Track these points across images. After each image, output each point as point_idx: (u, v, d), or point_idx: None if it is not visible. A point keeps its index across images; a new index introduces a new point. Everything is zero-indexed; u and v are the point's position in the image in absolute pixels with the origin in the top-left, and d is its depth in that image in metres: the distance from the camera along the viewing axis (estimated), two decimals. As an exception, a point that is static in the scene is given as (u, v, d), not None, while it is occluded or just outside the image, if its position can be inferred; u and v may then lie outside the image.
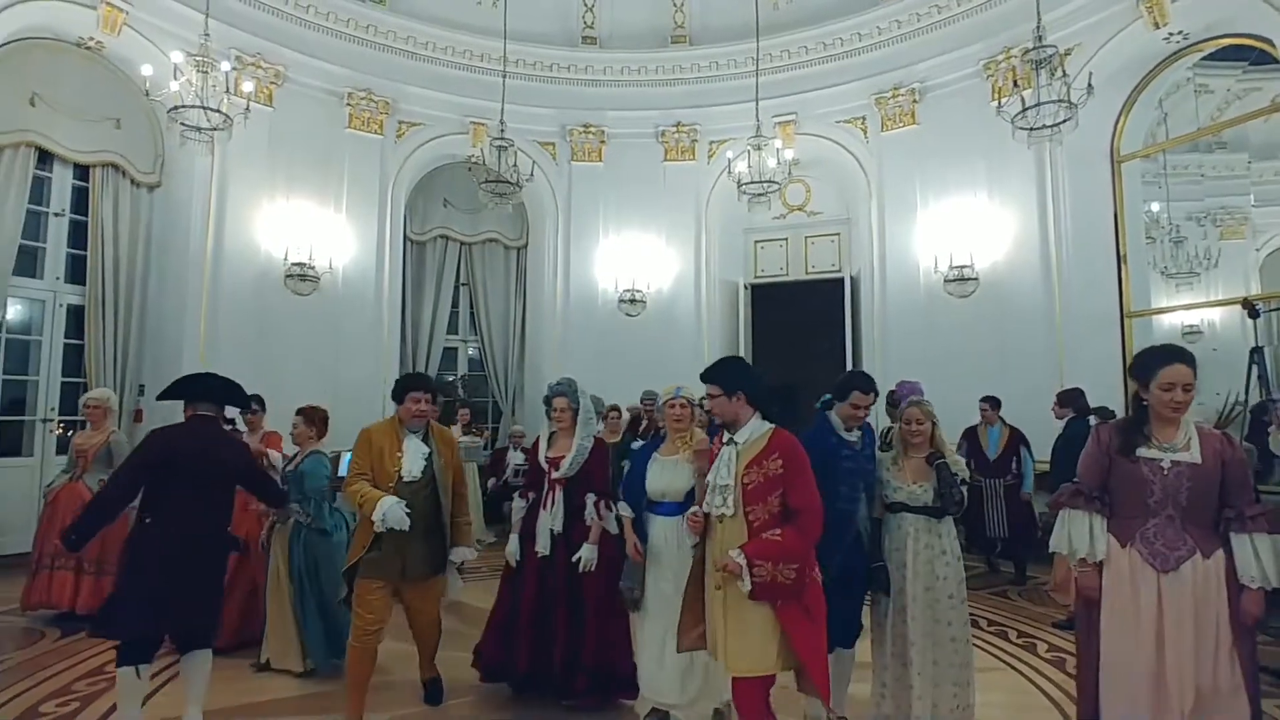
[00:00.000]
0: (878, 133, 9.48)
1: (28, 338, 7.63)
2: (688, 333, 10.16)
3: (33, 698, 3.85)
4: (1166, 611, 2.48)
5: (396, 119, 9.72)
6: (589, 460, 3.85)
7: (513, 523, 4.02)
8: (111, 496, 3.34)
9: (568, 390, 3.94)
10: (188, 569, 3.17)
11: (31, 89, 7.26)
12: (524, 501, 4.01)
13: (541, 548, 3.81)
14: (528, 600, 3.77)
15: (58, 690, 3.95)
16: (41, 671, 4.22)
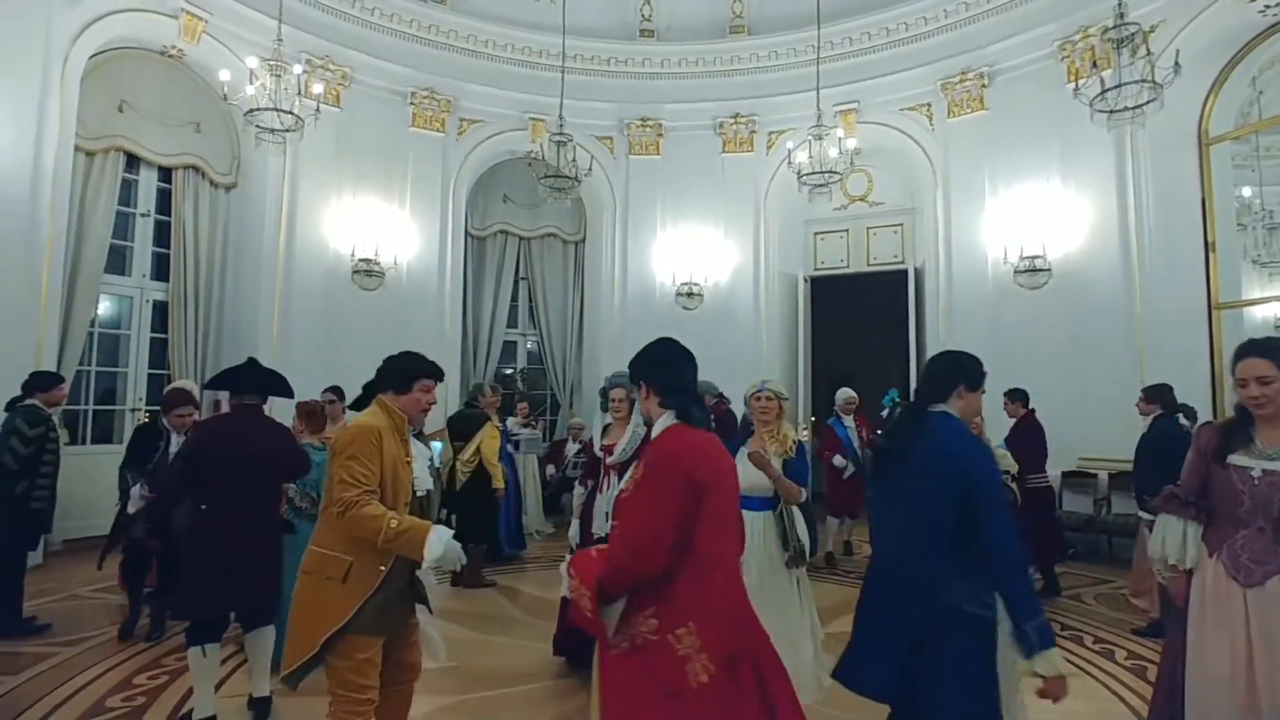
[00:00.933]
0: (944, 119, 9.19)
1: (117, 332, 8.08)
2: (746, 326, 10.07)
3: (126, 670, 4.10)
4: (1254, 627, 2.33)
5: (458, 117, 9.91)
6: (641, 447, 3.90)
7: (573, 509, 4.17)
8: (167, 487, 3.66)
9: (624, 382, 4.03)
10: (242, 551, 3.34)
11: (120, 97, 7.66)
12: (584, 489, 4.19)
13: (598, 529, 3.94)
14: None
15: (148, 664, 4.20)
16: (131, 646, 4.48)
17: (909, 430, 2.45)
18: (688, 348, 2.33)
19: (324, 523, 2.61)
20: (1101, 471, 7.62)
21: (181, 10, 7.72)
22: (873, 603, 2.43)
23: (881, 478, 2.51)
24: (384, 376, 2.76)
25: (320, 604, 2.47)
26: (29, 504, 4.69)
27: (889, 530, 2.44)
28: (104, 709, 3.59)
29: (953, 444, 2.37)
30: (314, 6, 8.66)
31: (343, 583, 2.47)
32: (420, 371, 2.76)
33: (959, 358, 2.57)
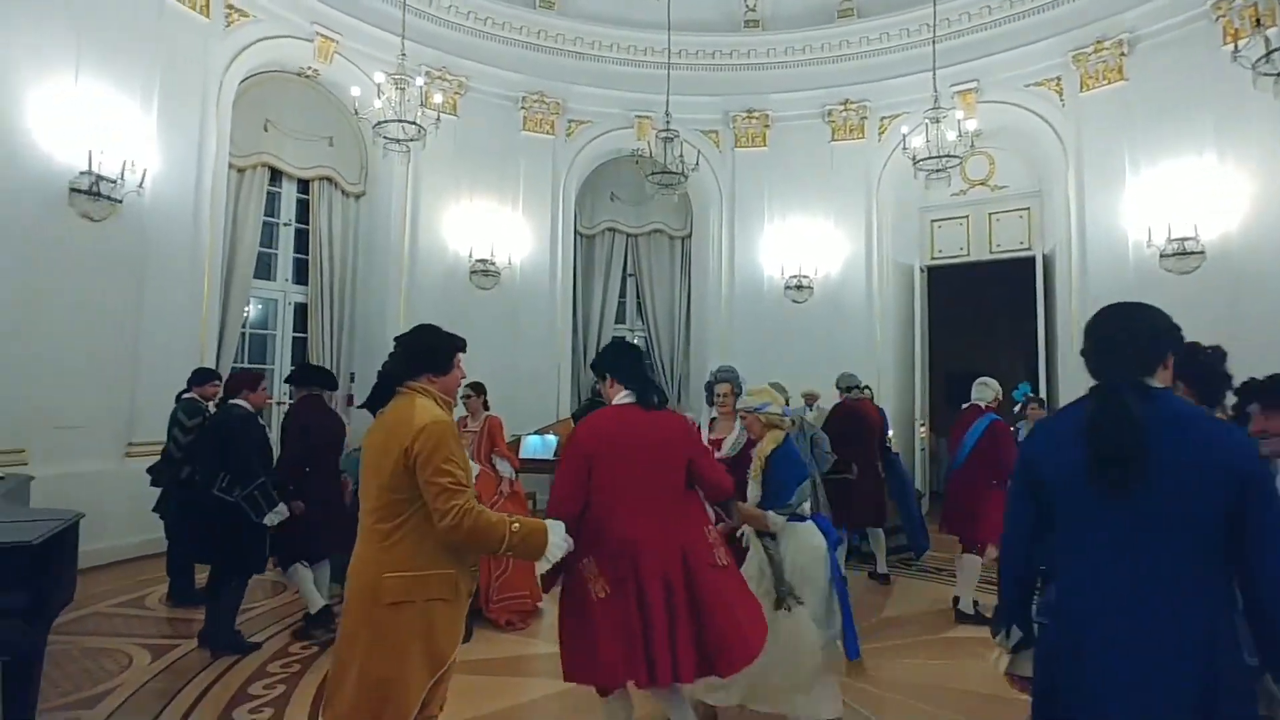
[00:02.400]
0: (1075, 94, 8.54)
1: (264, 332, 8.83)
2: (858, 319, 9.76)
3: (281, 641, 4.51)
4: None
5: (566, 118, 10.15)
6: (750, 443, 3.88)
7: None
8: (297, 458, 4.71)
9: (731, 376, 4.05)
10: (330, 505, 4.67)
11: (265, 116, 8.36)
12: None
13: None
14: None
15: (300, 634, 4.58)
16: (288, 619, 4.90)
17: (1139, 421, 1.66)
18: (638, 346, 3.09)
19: (400, 540, 2.18)
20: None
21: (316, 34, 8.33)
22: (1120, 667, 1.66)
23: (1099, 493, 1.68)
24: (417, 358, 2.37)
25: (438, 630, 2.19)
26: (193, 487, 5.22)
27: (1118, 563, 1.68)
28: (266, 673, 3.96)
29: (1210, 434, 1.69)
30: (432, 20, 9.12)
31: (455, 599, 2.24)
32: (457, 345, 2.47)
33: (1155, 312, 1.85)
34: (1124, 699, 1.64)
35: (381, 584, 2.15)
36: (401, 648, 2.13)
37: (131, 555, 6.12)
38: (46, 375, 5.93)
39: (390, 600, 2.13)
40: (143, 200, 6.58)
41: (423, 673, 2.16)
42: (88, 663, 4.06)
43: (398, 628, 2.14)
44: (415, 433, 2.17)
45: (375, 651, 2.13)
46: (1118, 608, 1.67)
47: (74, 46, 6.16)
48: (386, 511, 2.19)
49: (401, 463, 2.16)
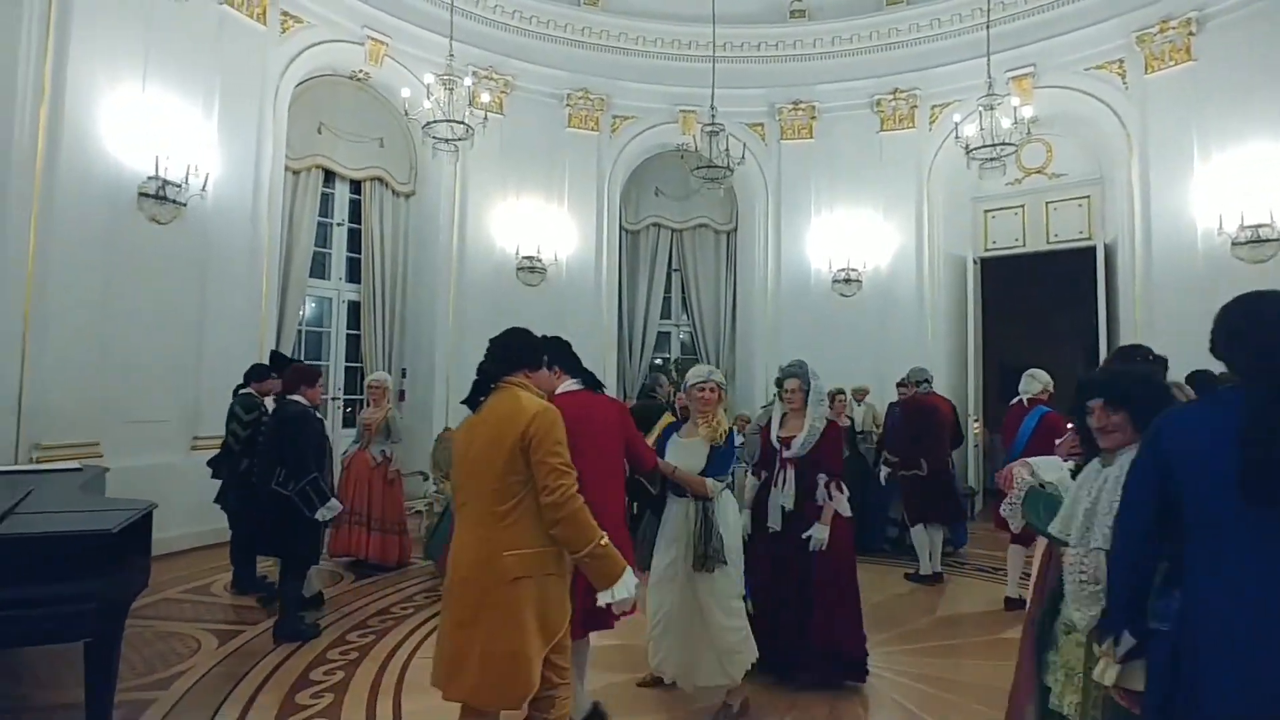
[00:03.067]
0: (1140, 76, 8.20)
1: (320, 330, 9.08)
2: (909, 312, 9.57)
3: (339, 629, 4.64)
4: None
5: (611, 114, 10.18)
6: (821, 441, 3.87)
7: (744, 500, 4.14)
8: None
9: (799, 371, 3.99)
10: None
11: (319, 119, 8.59)
12: (756, 479, 4.13)
13: (773, 523, 3.88)
14: (762, 577, 3.83)
15: (357, 624, 4.73)
16: (344, 606, 5.06)
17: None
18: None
19: (516, 520, 2.32)
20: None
21: (367, 37, 8.51)
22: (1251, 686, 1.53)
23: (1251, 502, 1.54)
24: (519, 355, 2.54)
25: (552, 602, 2.35)
26: (251, 479, 5.41)
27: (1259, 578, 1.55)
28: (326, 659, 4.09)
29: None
30: (478, 21, 9.24)
31: (562, 575, 2.40)
32: (551, 344, 2.73)
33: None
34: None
35: (502, 562, 2.28)
36: (523, 621, 2.26)
37: (197, 544, 6.38)
38: (118, 372, 6.21)
39: (512, 577, 2.27)
40: (205, 203, 6.82)
41: (540, 644, 2.29)
42: (160, 646, 4.25)
43: (519, 603, 2.26)
44: (530, 418, 2.33)
45: (500, 628, 2.25)
46: (1261, 622, 1.53)
47: (142, 56, 6.42)
48: (503, 494, 2.33)
49: (517, 447, 2.31)
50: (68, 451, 5.61)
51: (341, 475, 6.17)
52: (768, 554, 3.87)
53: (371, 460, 6.05)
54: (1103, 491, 2.02)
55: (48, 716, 3.37)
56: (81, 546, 2.67)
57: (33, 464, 5.36)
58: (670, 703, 3.68)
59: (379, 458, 6.06)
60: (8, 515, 2.79)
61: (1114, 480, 1.97)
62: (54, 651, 3.59)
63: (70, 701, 3.24)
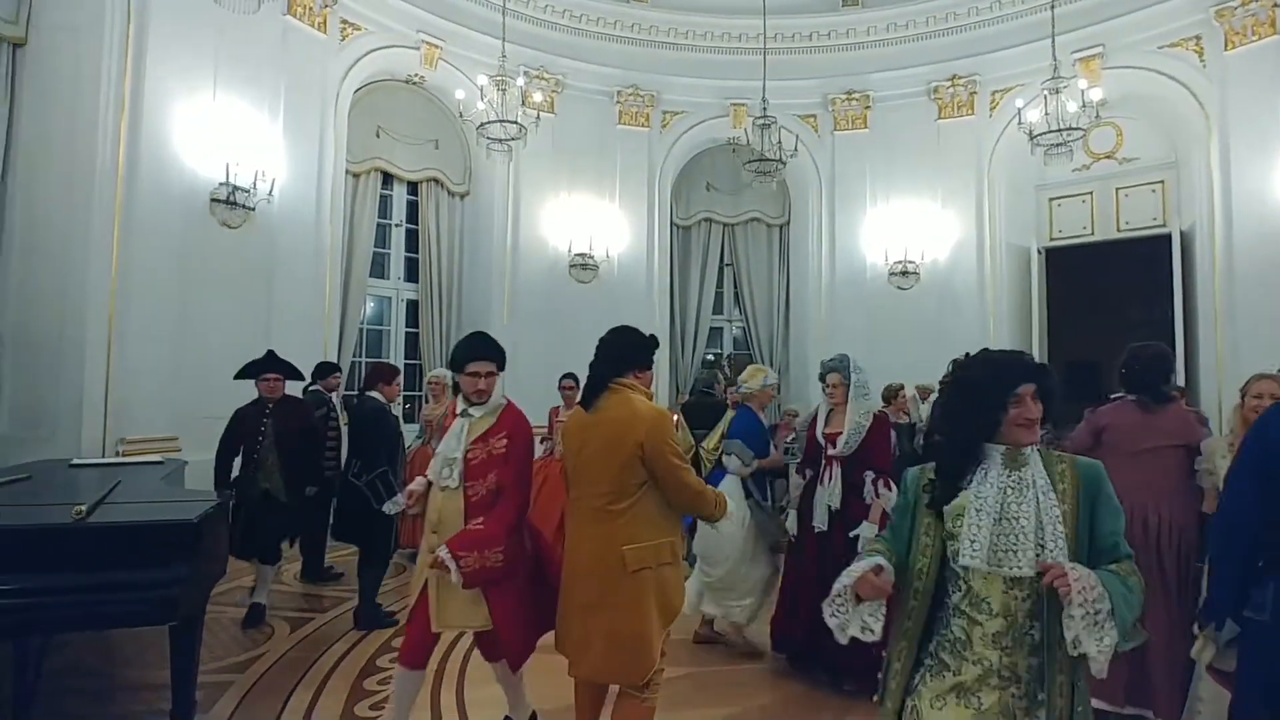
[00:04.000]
0: (1219, 53, 7.79)
1: (380, 328, 9.34)
2: (969, 305, 9.31)
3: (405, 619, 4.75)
4: None
5: (661, 110, 10.17)
6: (868, 437, 3.79)
7: (790, 498, 4.08)
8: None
9: (840, 365, 3.92)
10: None
11: (377, 123, 8.82)
12: (801, 478, 4.05)
13: (819, 523, 3.81)
14: (808, 577, 3.78)
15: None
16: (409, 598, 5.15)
17: None
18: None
19: (629, 517, 2.51)
20: None
21: (421, 41, 8.70)
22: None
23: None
24: (626, 356, 2.65)
25: (669, 589, 2.57)
26: (322, 473, 5.60)
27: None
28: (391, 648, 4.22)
29: None
30: (529, 21, 9.34)
31: (676, 563, 2.61)
32: (655, 344, 2.76)
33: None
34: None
35: (624, 555, 2.49)
36: (646, 608, 2.49)
37: (268, 535, 6.62)
38: (194, 369, 6.50)
39: (634, 568, 2.48)
40: (272, 207, 7.09)
41: (661, 627, 2.54)
42: (237, 631, 4.45)
43: (641, 591, 2.49)
44: (645, 428, 2.51)
45: (623, 613, 2.48)
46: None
47: (212, 68, 6.70)
48: (619, 495, 2.53)
49: (635, 455, 2.50)
50: (149, 445, 5.91)
51: (404, 470, 6.33)
52: (813, 555, 3.81)
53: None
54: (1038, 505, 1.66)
55: (136, 694, 3.56)
56: (166, 535, 2.81)
57: (118, 457, 5.67)
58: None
59: (441, 452, 6.19)
60: (99, 505, 2.95)
61: (1044, 491, 1.67)
62: (143, 633, 3.79)
63: (155, 681, 3.42)
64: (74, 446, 5.68)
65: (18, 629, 2.79)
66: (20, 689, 3.13)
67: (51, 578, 2.63)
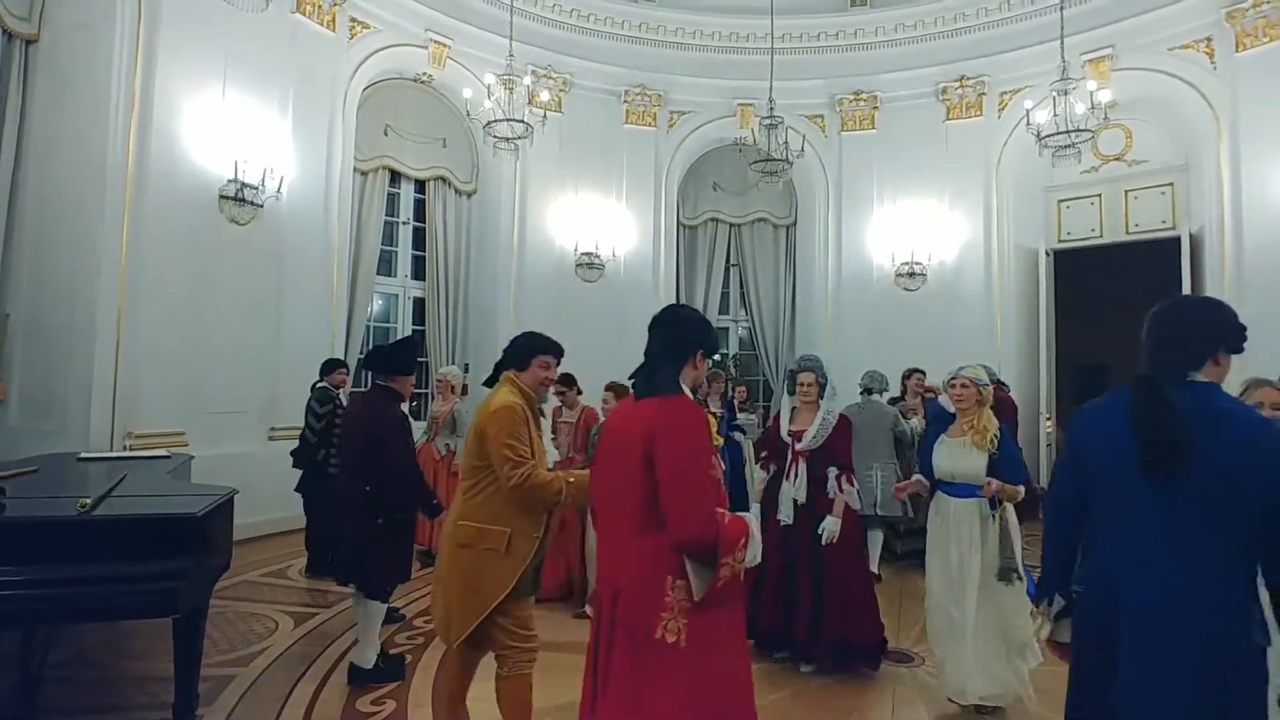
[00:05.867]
0: (1229, 54, 7.74)
1: (386, 325, 9.37)
2: (976, 307, 9.28)
3: (407, 614, 4.80)
4: None
5: (668, 110, 10.18)
6: (832, 435, 3.96)
7: (755, 491, 4.21)
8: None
9: (815, 366, 4.07)
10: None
11: (385, 122, 8.86)
12: (765, 473, 4.22)
13: (784, 516, 3.96)
14: (772, 565, 3.87)
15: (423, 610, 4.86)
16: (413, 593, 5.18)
17: (1182, 413, 1.77)
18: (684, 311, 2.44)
19: (474, 498, 2.72)
20: None
21: (429, 40, 8.73)
22: (1148, 630, 1.83)
23: (1146, 477, 1.79)
24: (509, 355, 2.95)
25: (484, 574, 2.65)
26: (328, 469, 5.63)
27: (1158, 545, 1.82)
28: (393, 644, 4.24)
29: (1252, 428, 1.77)
30: (537, 20, 9.36)
31: (505, 553, 2.65)
32: (538, 349, 2.96)
33: (1217, 308, 1.96)
34: (1156, 667, 1.78)
35: (456, 528, 2.74)
36: (459, 582, 2.70)
37: (275, 530, 6.67)
38: (202, 365, 6.56)
39: (459, 542, 2.72)
40: (280, 204, 7.13)
41: (472, 606, 2.66)
42: (240, 625, 4.48)
43: (459, 565, 2.71)
44: (489, 415, 2.72)
45: (447, 582, 2.73)
46: (1154, 584, 1.80)
47: (221, 65, 6.75)
48: (469, 473, 2.78)
49: (479, 437, 2.72)
50: (156, 440, 5.95)
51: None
52: (779, 547, 3.92)
53: (438, 452, 6.22)
54: None
55: (142, 686, 3.60)
56: (171, 528, 2.84)
57: (125, 450, 5.72)
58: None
59: (445, 450, 6.22)
60: (105, 498, 2.98)
61: None
62: (148, 626, 3.83)
63: (161, 674, 3.45)
64: (83, 439, 5.73)
65: (24, 619, 2.82)
66: (26, 679, 3.17)
67: (57, 569, 2.66)
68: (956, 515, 3.48)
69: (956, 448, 3.53)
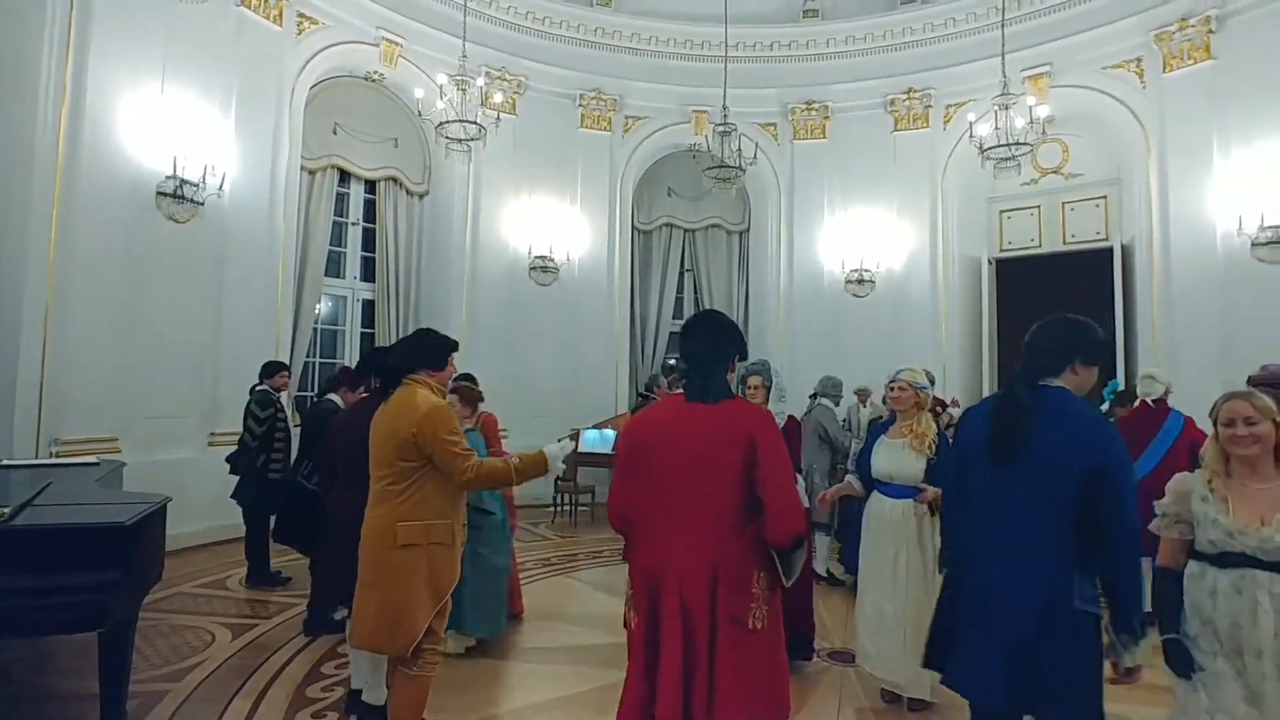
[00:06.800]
0: (1158, 75, 8.12)
1: (335, 328, 9.16)
2: (922, 314, 9.52)
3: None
4: None
5: (623, 115, 10.20)
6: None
7: None
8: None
9: (762, 370, 4.09)
10: None
11: (334, 120, 8.67)
12: None
13: None
14: None
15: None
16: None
17: (1025, 409, 2.15)
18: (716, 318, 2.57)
19: (411, 497, 2.71)
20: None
21: (381, 38, 8.58)
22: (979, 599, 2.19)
23: (992, 463, 2.17)
24: (420, 356, 2.92)
25: (438, 569, 2.73)
26: (268, 475, 5.47)
27: (995, 518, 2.17)
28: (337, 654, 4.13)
29: (1081, 425, 2.10)
30: (491, 21, 9.29)
31: (450, 545, 2.78)
32: (450, 346, 3.01)
33: (1080, 326, 2.28)
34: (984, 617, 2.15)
35: (395, 531, 2.70)
36: (412, 582, 2.69)
37: (214, 539, 6.45)
38: (138, 368, 6.30)
39: (402, 543, 2.69)
40: (222, 202, 6.91)
41: (428, 602, 2.71)
42: (175, 639, 4.31)
43: (409, 565, 2.69)
44: (424, 417, 2.70)
45: (392, 585, 2.69)
46: (987, 548, 2.19)
47: (161, 58, 6.51)
48: (399, 476, 2.73)
49: (411, 439, 2.68)
50: (87, 446, 5.69)
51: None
52: None
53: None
54: None
55: (68, 705, 3.43)
56: (96, 539, 2.72)
57: (52, 458, 5.46)
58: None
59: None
60: (25, 507, 2.84)
61: None
62: (74, 642, 3.65)
63: (90, 692, 3.29)
64: (5, 446, 5.45)
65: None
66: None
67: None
68: (893, 515, 3.56)
69: (896, 449, 3.62)
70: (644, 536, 2.26)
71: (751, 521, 2.17)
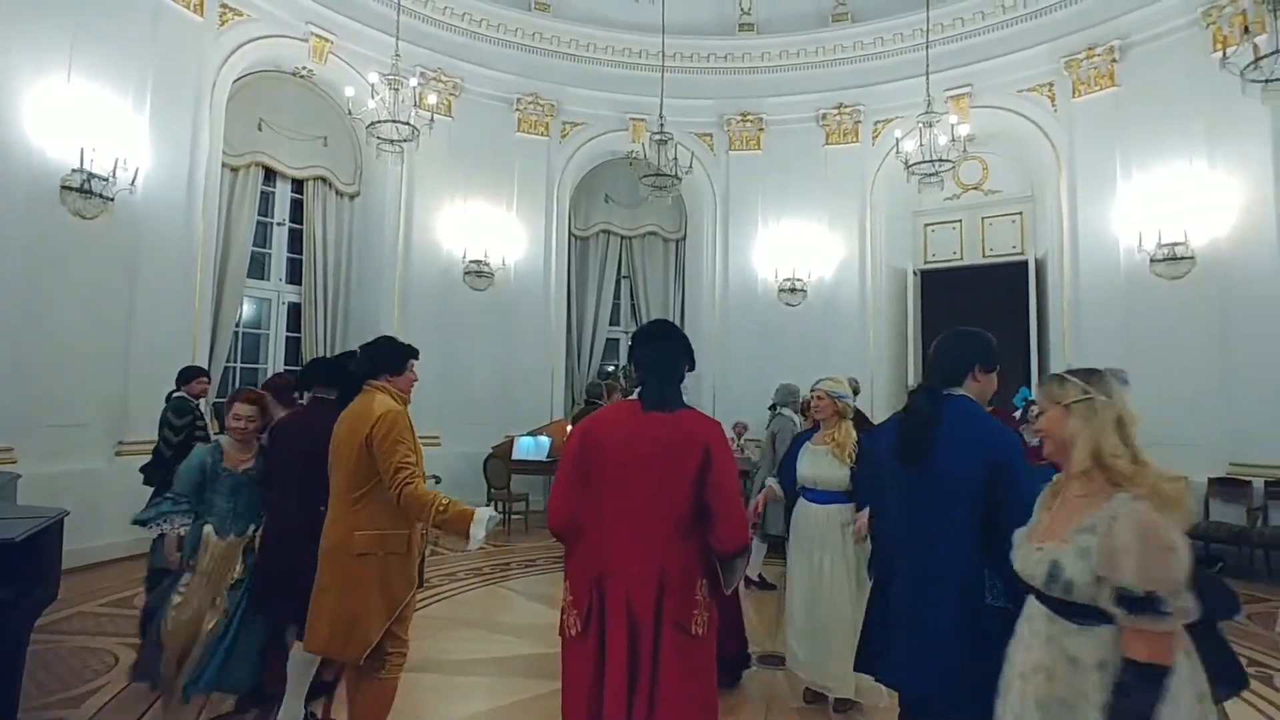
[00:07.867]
0: (1068, 99, 8.59)
1: (258, 331, 8.81)
2: (851, 322, 9.80)
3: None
4: None
5: (561, 120, 10.16)
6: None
7: None
8: None
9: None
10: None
11: (260, 116, 8.35)
12: None
13: None
14: None
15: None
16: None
17: (929, 415, 2.29)
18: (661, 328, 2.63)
19: (367, 506, 2.68)
20: (1257, 479, 6.91)
21: (310, 33, 8.32)
22: (906, 600, 2.30)
23: (903, 466, 2.32)
24: (378, 361, 2.90)
25: (391, 579, 2.72)
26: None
27: (911, 521, 2.31)
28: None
29: (978, 428, 2.25)
30: (426, 21, 9.13)
31: (407, 553, 2.76)
32: (411, 354, 3.00)
33: (974, 337, 2.45)
34: (910, 615, 2.26)
35: (351, 539, 2.68)
36: (366, 591, 2.67)
37: (123, 555, 6.09)
38: (39, 373, 5.91)
39: (358, 551, 2.67)
40: (135, 198, 6.56)
41: (382, 611, 2.69)
42: (73, 662, 4.04)
43: (363, 575, 2.67)
44: (373, 421, 2.68)
45: (346, 594, 2.67)
46: (907, 550, 2.32)
47: (68, 44, 6.15)
48: (355, 484, 2.71)
49: (365, 444, 2.67)
50: (-22, 457, 5.31)
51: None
52: None
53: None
54: None
55: (-54, 738, 3.17)
56: (-17, 556, 2.53)
57: (-62, 470, 5.05)
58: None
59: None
60: (-98, 524, 2.62)
61: None
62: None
63: (-29, 721, 3.06)
64: (-117, 458, 5.03)
65: None
66: None
67: None
68: (818, 520, 3.64)
69: (820, 455, 3.72)
70: (592, 540, 2.27)
71: (697, 529, 2.24)
